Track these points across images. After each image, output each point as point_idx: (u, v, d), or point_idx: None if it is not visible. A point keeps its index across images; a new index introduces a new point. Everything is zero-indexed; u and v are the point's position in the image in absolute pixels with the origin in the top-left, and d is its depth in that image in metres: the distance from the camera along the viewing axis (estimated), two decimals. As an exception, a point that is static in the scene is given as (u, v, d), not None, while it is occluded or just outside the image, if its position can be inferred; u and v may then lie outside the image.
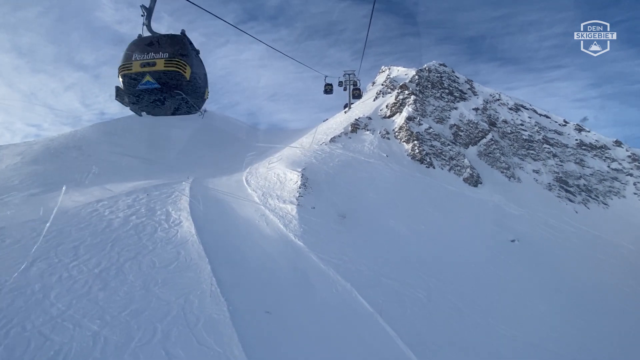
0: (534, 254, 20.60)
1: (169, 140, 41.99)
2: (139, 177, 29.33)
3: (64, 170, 28.11)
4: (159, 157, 36.32)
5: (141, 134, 40.37)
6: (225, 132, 50.23)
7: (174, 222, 16.86)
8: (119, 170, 31.15)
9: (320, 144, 30.83)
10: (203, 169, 35.31)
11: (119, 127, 40.64)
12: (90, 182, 27.34)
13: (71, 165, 30.14)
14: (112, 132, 38.30)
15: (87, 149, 34.06)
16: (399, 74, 46.68)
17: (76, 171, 29.49)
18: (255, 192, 22.16)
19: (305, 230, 16.37)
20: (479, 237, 20.81)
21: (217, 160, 38.38)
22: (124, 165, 32.38)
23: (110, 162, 32.50)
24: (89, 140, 35.29)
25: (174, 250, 13.43)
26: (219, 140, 45.59)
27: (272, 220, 17.58)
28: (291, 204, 19.12)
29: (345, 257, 14.44)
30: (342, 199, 21.20)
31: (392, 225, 19.29)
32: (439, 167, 30.42)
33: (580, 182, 33.56)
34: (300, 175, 22.59)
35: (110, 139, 36.93)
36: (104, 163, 31.78)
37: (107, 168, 30.96)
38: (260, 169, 28.17)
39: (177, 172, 32.97)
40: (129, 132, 39.75)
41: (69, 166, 29.55)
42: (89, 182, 27.43)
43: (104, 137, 36.63)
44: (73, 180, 26.51)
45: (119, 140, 37.24)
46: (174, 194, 22.37)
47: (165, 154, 37.86)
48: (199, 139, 44.95)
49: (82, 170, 29.88)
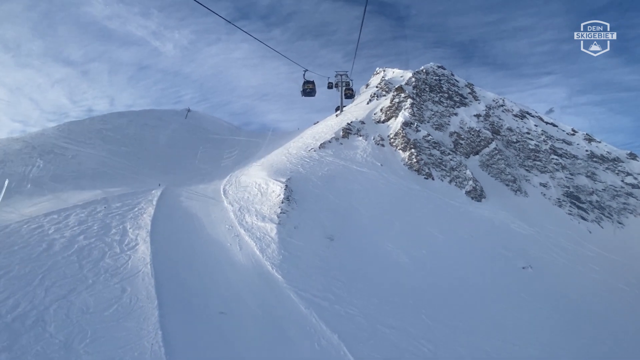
0: (549, 285, 18.44)
1: (146, 141, 39.36)
2: (106, 183, 26.83)
3: (18, 176, 25.45)
4: (133, 160, 33.77)
5: (116, 134, 37.77)
6: (209, 132, 47.82)
7: (128, 244, 14.45)
8: (86, 175, 28.60)
9: (308, 150, 28.58)
10: (180, 173, 32.87)
11: (91, 127, 37.91)
12: (50, 189, 24.80)
13: (30, 169, 27.52)
14: (82, 133, 35.49)
15: (54, 151, 31.28)
16: (394, 76, 44.60)
17: (37, 176, 27.07)
18: (231, 206, 19.82)
19: (285, 257, 14.05)
20: (487, 264, 18.61)
21: (197, 164, 35.96)
22: (92, 169, 29.76)
23: (77, 165, 29.88)
24: (53, 141, 32.46)
25: (119, 286, 11.06)
26: (202, 142, 43.08)
27: (247, 243, 15.26)
28: (271, 223, 16.79)
29: (332, 296, 12.14)
30: (331, 215, 18.91)
31: (388, 250, 17.02)
32: (439, 178, 28.28)
33: (593, 198, 31.55)
34: (284, 186, 20.30)
35: (80, 139, 34.18)
36: (70, 166, 29.20)
37: (73, 172, 28.39)
38: (242, 176, 25.85)
39: (151, 176, 30.51)
40: (102, 133, 37.09)
41: (26, 171, 26.91)
42: (47, 189, 24.96)
43: (73, 138, 33.84)
44: (26, 188, 24.10)
45: (90, 142, 34.52)
46: (138, 206, 19.91)
47: (140, 156, 35.27)
48: (180, 140, 42.47)
49: (45, 174, 27.45)
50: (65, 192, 23.35)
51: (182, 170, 33.68)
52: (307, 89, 29.47)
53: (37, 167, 27.51)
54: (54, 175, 26.88)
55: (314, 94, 30.00)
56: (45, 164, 28.22)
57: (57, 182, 25.18)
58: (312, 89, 29.59)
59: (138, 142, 37.68)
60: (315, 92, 29.94)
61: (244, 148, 40.89)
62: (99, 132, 37.05)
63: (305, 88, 29.42)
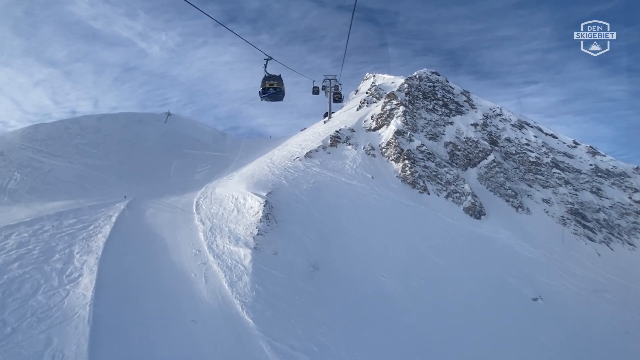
0: (562, 320, 16.61)
1: (118, 146, 36.72)
2: (64, 195, 24.50)
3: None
4: (100, 167, 31.21)
5: (83, 139, 35.02)
6: (188, 138, 45.04)
7: (70, 275, 12.26)
8: (45, 184, 26.13)
9: (293, 159, 26.58)
10: (152, 182, 30.49)
11: (58, 130, 35.06)
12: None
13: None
14: (45, 138, 32.63)
15: (9, 156, 28.63)
16: (385, 82, 42.75)
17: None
18: (202, 224, 17.68)
19: (259, 294, 11.95)
20: (494, 295, 16.71)
21: (171, 172, 33.62)
22: (52, 177, 27.21)
23: (36, 173, 27.32)
24: (12, 146, 29.74)
25: (44, 337, 8.93)
26: (180, 148, 40.54)
27: (215, 273, 13.17)
28: (245, 247, 14.69)
29: (316, 347, 10.12)
30: (316, 238, 16.87)
31: (382, 280, 15.02)
32: (435, 192, 26.46)
33: (600, 215, 29.95)
34: (264, 202, 18.23)
35: (40, 145, 31.41)
36: (28, 176, 26.64)
37: (29, 181, 25.89)
38: (218, 188, 23.71)
39: (119, 186, 28.14)
40: (69, 138, 34.29)
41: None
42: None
43: (31, 144, 31.06)
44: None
45: (52, 148, 31.72)
46: (95, 224, 17.68)
47: (109, 163, 32.68)
48: (156, 146, 39.82)
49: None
50: (15, 205, 20.93)
51: (155, 179, 31.33)
52: (268, 88, 18.23)
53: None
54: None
55: (280, 97, 18.94)
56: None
57: (3, 195, 22.69)
58: (277, 88, 18.27)
59: (108, 148, 35.04)
60: (282, 94, 18.85)
61: (222, 157, 38.64)
62: (66, 136, 34.32)
63: (267, 88, 18.26)
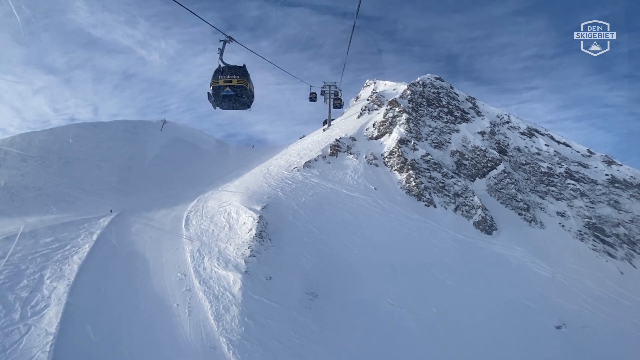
0: (590, 353, 15.09)
1: (112, 156, 35.33)
2: (49, 207, 23.20)
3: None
4: (88, 178, 29.86)
5: (72, 148, 33.64)
6: (184, 146, 43.79)
7: (35, 306, 10.92)
8: (27, 196, 24.90)
9: (291, 169, 25.31)
10: (143, 193, 29.19)
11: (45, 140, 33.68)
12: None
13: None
14: (33, 147, 31.26)
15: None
16: (387, 89, 41.45)
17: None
18: (190, 243, 16.35)
19: (249, 328, 10.59)
20: (514, 324, 15.22)
21: (165, 182, 32.28)
22: (35, 189, 25.96)
23: (19, 184, 26.07)
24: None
25: (-12, 390, 7.56)
26: (175, 157, 39.28)
27: (200, 302, 11.81)
28: (235, 271, 13.33)
29: (312, 397, 8.69)
30: (315, 258, 15.51)
31: (389, 309, 13.62)
32: (442, 205, 25.08)
33: (620, 230, 28.44)
34: (258, 218, 16.90)
35: (27, 155, 30.13)
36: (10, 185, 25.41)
37: (9, 193, 24.66)
38: (211, 201, 22.44)
39: (108, 198, 26.88)
40: (60, 147, 32.88)
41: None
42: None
43: (21, 152, 29.78)
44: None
45: (40, 158, 30.38)
46: (73, 242, 16.38)
47: (98, 174, 31.33)
48: (150, 155, 38.42)
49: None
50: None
51: (147, 190, 30.06)
52: (222, 87, 11.92)
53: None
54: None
55: (244, 102, 12.48)
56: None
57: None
58: (237, 87, 12.00)
59: (100, 157, 33.75)
60: (247, 96, 12.41)
61: (217, 166, 37.39)
62: (57, 145, 32.94)
63: (220, 86, 11.94)
